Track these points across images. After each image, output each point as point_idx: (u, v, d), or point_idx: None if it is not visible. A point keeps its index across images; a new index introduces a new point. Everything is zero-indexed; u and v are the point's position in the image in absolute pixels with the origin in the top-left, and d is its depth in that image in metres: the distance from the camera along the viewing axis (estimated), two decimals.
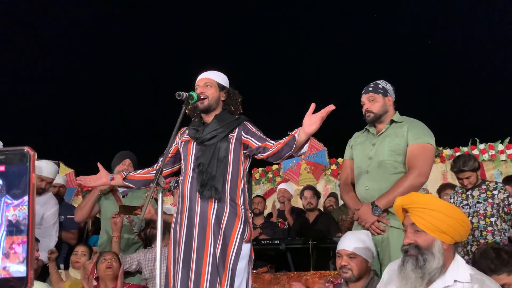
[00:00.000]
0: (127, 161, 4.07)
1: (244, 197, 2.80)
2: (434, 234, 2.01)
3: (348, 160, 3.27)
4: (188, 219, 2.71)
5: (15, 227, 0.59)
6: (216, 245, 2.62)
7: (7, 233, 0.59)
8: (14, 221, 0.59)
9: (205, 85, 2.87)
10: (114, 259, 3.54)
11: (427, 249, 1.99)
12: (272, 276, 4.27)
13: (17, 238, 0.59)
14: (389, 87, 3.14)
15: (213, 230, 2.64)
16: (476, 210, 3.86)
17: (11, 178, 0.59)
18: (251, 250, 2.75)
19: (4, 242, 0.58)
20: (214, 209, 2.67)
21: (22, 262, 0.60)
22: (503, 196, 3.81)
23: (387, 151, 2.98)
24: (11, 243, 0.59)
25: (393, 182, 2.89)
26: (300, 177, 7.93)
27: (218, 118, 2.85)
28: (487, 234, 3.75)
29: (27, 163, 0.59)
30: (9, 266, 0.59)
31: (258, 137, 2.78)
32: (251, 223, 2.79)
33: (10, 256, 0.59)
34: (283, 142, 2.63)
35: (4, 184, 0.59)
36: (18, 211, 0.59)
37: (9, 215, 0.59)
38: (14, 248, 0.58)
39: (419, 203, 2.07)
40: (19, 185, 0.59)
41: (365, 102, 3.10)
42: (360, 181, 3.07)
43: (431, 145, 2.96)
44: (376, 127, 3.14)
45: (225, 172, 2.72)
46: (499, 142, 7.54)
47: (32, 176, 0.60)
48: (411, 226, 2.06)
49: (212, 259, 2.60)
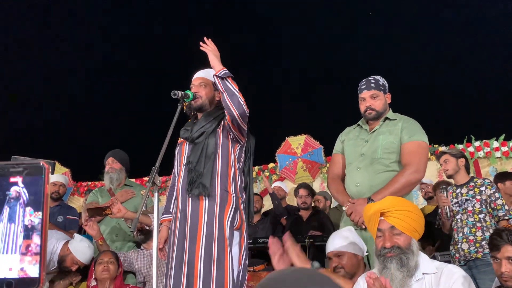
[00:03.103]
0: (109, 159, 4.18)
1: (235, 184, 2.79)
2: (410, 234, 2.11)
3: (338, 154, 3.23)
4: (181, 219, 2.73)
5: (31, 231, 0.67)
6: (212, 243, 2.59)
7: (24, 237, 0.66)
8: (30, 226, 0.66)
9: (200, 84, 2.90)
10: (111, 262, 3.50)
11: (407, 248, 2.08)
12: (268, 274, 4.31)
13: (32, 241, 0.66)
14: (386, 83, 3.12)
15: (206, 228, 2.63)
16: (464, 207, 3.86)
17: (28, 188, 0.66)
18: (241, 239, 2.72)
19: (21, 245, 0.65)
20: (206, 207, 2.67)
21: (36, 263, 0.67)
22: (489, 192, 3.80)
23: (380, 148, 2.96)
24: (27, 246, 0.67)
25: (384, 179, 2.88)
26: (296, 175, 7.97)
27: (206, 115, 2.88)
28: (476, 230, 3.75)
29: (42, 175, 0.67)
30: (26, 267, 0.65)
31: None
32: (242, 211, 2.77)
33: (27, 257, 0.66)
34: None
35: (21, 193, 0.65)
36: (34, 217, 0.66)
37: (25, 221, 0.67)
38: (30, 251, 0.65)
39: (395, 205, 2.15)
40: (35, 195, 0.66)
41: (366, 98, 3.05)
42: (350, 176, 3.03)
43: (425, 143, 2.97)
44: (370, 123, 3.11)
45: (214, 167, 2.73)
46: (494, 139, 7.56)
47: (47, 187, 0.67)
48: (390, 230, 2.13)
49: (204, 258, 2.58)
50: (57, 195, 4.82)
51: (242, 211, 2.78)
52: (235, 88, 2.67)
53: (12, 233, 0.67)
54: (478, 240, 3.71)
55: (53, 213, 4.65)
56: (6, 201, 0.68)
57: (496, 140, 7.54)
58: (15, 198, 0.67)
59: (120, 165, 4.16)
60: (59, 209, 4.73)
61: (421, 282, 2.05)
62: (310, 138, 8.16)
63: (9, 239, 0.66)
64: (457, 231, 3.86)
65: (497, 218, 3.76)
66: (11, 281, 0.66)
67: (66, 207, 4.92)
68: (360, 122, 3.21)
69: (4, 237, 0.65)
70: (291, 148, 8.17)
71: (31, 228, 0.66)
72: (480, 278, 3.57)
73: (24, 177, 0.66)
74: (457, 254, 3.83)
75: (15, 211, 0.67)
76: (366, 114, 3.07)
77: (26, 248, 0.67)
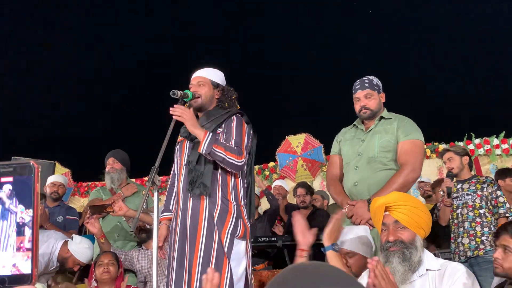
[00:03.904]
0: (110, 159, 4.19)
1: (236, 193, 2.78)
2: (414, 230, 2.11)
3: (336, 155, 3.26)
4: (182, 218, 2.73)
5: (22, 228, 0.69)
6: (212, 242, 2.61)
7: (16, 234, 0.69)
8: (21, 223, 0.69)
9: (198, 83, 2.90)
10: (111, 263, 3.49)
11: (411, 243, 2.09)
12: (269, 273, 4.32)
13: (24, 238, 0.68)
14: (380, 83, 3.16)
15: (206, 228, 2.64)
16: (465, 201, 3.87)
17: (19, 187, 0.70)
18: (247, 246, 2.72)
19: (14, 241, 0.67)
20: (206, 206, 2.68)
21: (28, 260, 0.69)
22: (491, 189, 3.82)
23: (377, 147, 2.99)
24: (20, 242, 0.69)
25: (382, 178, 2.91)
26: (296, 174, 7.98)
27: (207, 114, 2.88)
28: (476, 225, 3.75)
29: (32, 175, 0.71)
30: (18, 263, 0.68)
31: (226, 138, 2.78)
32: (245, 219, 2.77)
33: (19, 254, 0.68)
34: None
35: (12, 192, 0.69)
36: (25, 214, 0.69)
37: (17, 218, 0.70)
38: (22, 247, 0.67)
39: (401, 201, 2.16)
40: (25, 193, 0.70)
41: (361, 98, 3.08)
42: (348, 176, 3.06)
43: (421, 141, 3.00)
44: (365, 123, 3.15)
45: (215, 168, 2.73)
46: (494, 136, 7.57)
47: (37, 186, 0.71)
48: (394, 224, 2.15)
49: (203, 257, 2.59)
50: (56, 195, 4.82)
51: (245, 218, 2.77)
52: (221, 151, 2.64)
53: (5, 231, 0.69)
54: (478, 235, 3.72)
55: (52, 213, 4.66)
56: (3, 199, 0.71)
57: (496, 138, 7.55)
58: (7, 197, 0.70)
59: (120, 165, 4.17)
60: (59, 209, 4.74)
61: (425, 277, 2.06)
62: (310, 137, 8.17)
63: (1, 236, 0.69)
64: (458, 226, 3.88)
65: (497, 216, 3.77)
66: (4, 278, 0.69)
67: (66, 207, 4.93)
68: (355, 122, 3.24)
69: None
70: (291, 147, 8.18)
71: (22, 225, 0.69)
72: (481, 275, 3.57)
73: (14, 177, 0.70)
74: (457, 249, 3.84)
75: (7, 209, 0.70)
76: (361, 114, 3.11)
77: (19, 244, 0.69)
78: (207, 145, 2.61)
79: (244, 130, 2.83)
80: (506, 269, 2.36)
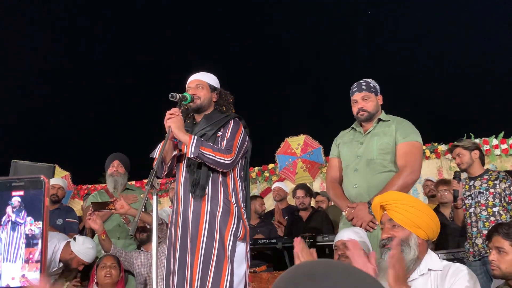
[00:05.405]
0: (115, 162, 4.16)
1: (236, 195, 2.81)
2: (410, 229, 2.12)
3: (335, 158, 3.27)
4: (183, 220, 2.74)
5: (32, 240, 0.70)
6: (213, 244, 2.63)
7: (25, 245, 0.70)
8: (31, 235, 0.70)
9: (197, 86, 2.91)
10: (113, 266, 3.52)
11: (404, 241, 2.09)
12: (269, 275, 4.33)
13: (34, 249, 0.69)
14: (377, 86, 3.18)
15: (208, 229, 2.65)
16: (477, 200, 3.78)
17: (29, 201, 0.71)
18: (247, 248, 2.76)
19: (23, 253, 0.69)
20: (208, 208, 2.70)
21: (37, 271, 0.70)
22: (504, 185, 3.71)
23: (376, 150, 3.00)
24: (29, 254, 0.70)
25: (381, 180, 2.92)
26: (296, 175, 7.97)
27: (207, 117, 2.90)
28: (490, 225, 3.58)
29: (42, 189, 0.72)
30: (27, 273, 0.69)
31: (222, 140, 2.80)
32: (245, 221, 2.80)
33: (28, 264, 0.69)
34: None
35: (23, 205, 0.69)
36: (34, 226, 0.70)
37: (26, 230, 0.70)
38: (32, 259, 0.68)
39: (395, 199, 2.18)
40: (35, 206, 0.71)
41: (358, 100, 3.10)
42: (348, 179, 3.07)
43: (419, 143, 3.02)
44: (363, 125, 3.16)
45: (215, 170, 2.75)
46: (493, 136, 7.58)
47: (46, 200, 0.72)
48: (388, 222, 2.17)
49: (203, 258, 2.61)
50: (56, 198, 4.83)
51: (245, 221, 2.80)
52: (209, 153, 2.65)
53: (15, 243, 0.71)
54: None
55: (52, 215, 4.66)
56: (8, 213, 0.73)
57: (495, 138, 7.56)
58: (17, 210, 0.71)
59: (124, 170, 4.16)
60: (58, 212, 4.75)
61: (426, 277, 2.08)
62: (309, 138, 8.17)
63: (12, 248, 0.70)
64: (471, 226, 3.80)
65: (511, 213, 3.68)
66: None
67: (66, 210, 4.93)
68: (353, 125, 3.25)
69: (7, 247, 0.69)
70: (290, 149, 8.18)
71: (31, 237, 0.70)
72: None
73: (25, 191, 0.71)
74: (472, 249, 3.78)
75: (15, 221, 0.71)
76: (358, 116, 3.12)
77: (28, 256, 0.70)
78: (194, 148, 2.62)
79: (240, 131, 2.86)
80: (504, 270, 2.39)
